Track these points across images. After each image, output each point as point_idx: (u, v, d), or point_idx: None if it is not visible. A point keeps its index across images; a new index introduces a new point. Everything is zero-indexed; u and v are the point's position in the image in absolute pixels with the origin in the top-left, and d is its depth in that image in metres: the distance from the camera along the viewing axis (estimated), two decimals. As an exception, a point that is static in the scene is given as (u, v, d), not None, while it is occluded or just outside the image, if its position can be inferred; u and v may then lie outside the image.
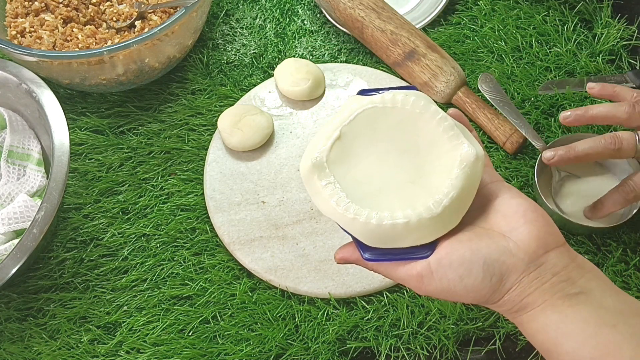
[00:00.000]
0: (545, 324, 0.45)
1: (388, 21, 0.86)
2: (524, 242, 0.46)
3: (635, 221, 0.73)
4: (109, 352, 0.71)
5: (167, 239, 0.77)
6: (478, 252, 0.46)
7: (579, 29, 0.87)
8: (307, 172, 0.51)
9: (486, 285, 0.46)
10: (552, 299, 0.45)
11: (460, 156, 0.49)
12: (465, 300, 0.48)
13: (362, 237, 0.49)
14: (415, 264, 0.48)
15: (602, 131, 0.79)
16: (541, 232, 0.47)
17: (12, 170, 0.79)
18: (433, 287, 0.47)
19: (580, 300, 0.45)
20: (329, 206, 0.50)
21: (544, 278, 0.46)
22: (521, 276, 0.46)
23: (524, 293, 0.46)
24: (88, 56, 0.76)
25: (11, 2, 0.88)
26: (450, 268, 0.46)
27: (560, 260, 0.46)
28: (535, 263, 0.46)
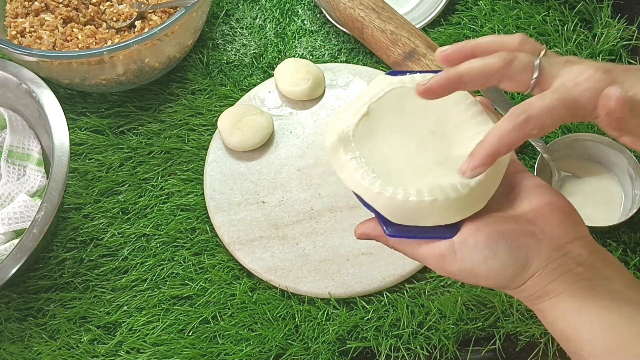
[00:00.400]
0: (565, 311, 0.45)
1: (388, 21, 0.86)
2: (550, 229, 0.46)
3: (636, 221, 0.73)
4: (109, 352, 0.71)
5: (167, 239, 0.77)
6: (505, 235, 0.45)
7: (579, 29, 0.87)
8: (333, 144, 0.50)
9: (509, 268, 0.46)
10: (573, 287, 0.45)
11: None
12: (486, 282, 0.47)
13: (385, 212, 0.48)
14: (438, 243, 0.47)
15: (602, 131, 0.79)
16: (568, 221, 0.47)
17: (12, 170, 0.79)
18: (455, 267, 0.47)
19: (601, 290, 0.45)
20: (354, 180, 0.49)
21: (567, 266, 0.45)
22: (545, 262, 0.45)
23: (547, 280, 0.46)
24: (88, 56, 0.76)
25: (11, 2, 0.88)
26: (475, 249, 0.46)
27: (585, 249, 0.46)
28: (560, 251, 0.46)
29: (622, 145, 0.73)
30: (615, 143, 0.74)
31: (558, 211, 0.47)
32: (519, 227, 0.46)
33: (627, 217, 0.70)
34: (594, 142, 0.75)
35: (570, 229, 0.46)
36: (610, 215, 0.73)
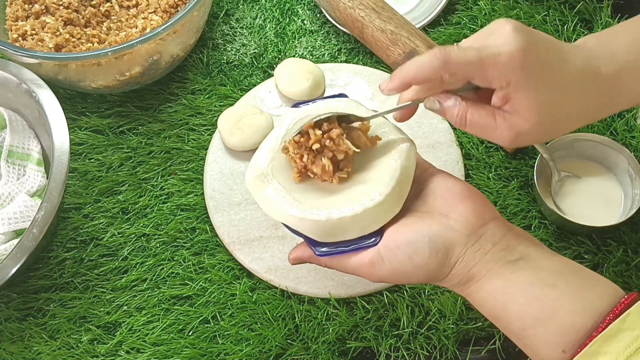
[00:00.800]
0: (491, 291, 0.49)
1: (388, 21, 0.86)
2: (463, 217, 0.50)
3: (636, 221, 0.73)
4: (109, 352, 0.71)
5: (167, 239, 0.77)
6: (422, 232, 0.49)
7: (579, 29, 0.87)
8: (252, 182, 0.54)
9: (433, 261, 0.49)
10: (495, 267, 0.48)
11: (394, 148, 0.53)
12: (416, 279, 0.51)
13: (312, 234, 0.52)
14: (365, 253, 0.51)
15: (603, 131, 0.79)
16: (477, 207, 0.50)
17: (12, 170, 0.79)
18: (385, 271, 0.50)
19: (520, 265, 0.48)
20: (277, 210, 0.52)
21: (485, 248, 0.49)
22: (464, 248, 0.49)
23: (469, 265, 0.49)
24: (91, 57, 0.76)
25: (11, 5, 0.88)
26: (398, 250, 0.49)
27: (498, 230, 0.50)
28: (476, 234, 0.49)
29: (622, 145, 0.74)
30: (616, 143, 0.74)
31: (467, 199, 0.50)
32: (435, 221, 0.50)
33: (627, 217, 0.70)
34: (594, 142, 0.75)
35: (481, 213, 0.50)
36: (610, 215, 0.73)
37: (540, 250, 0.50)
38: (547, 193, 0.75)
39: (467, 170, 0.79)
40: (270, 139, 0.56)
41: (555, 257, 0.50)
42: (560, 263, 0.49)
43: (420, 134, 0.81)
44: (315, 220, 0.50)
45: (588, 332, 0.45)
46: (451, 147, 0.80)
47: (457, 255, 0.49)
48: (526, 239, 0.50)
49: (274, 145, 0.55)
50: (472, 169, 0.79)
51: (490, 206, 0.52)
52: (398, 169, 0.52)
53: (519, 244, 0.49)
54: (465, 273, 0.49)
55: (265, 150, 0.55)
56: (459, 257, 0.49)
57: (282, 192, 0.53)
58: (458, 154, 0.79)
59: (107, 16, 0.89)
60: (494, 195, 0.77)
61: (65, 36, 0.83)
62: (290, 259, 0.56)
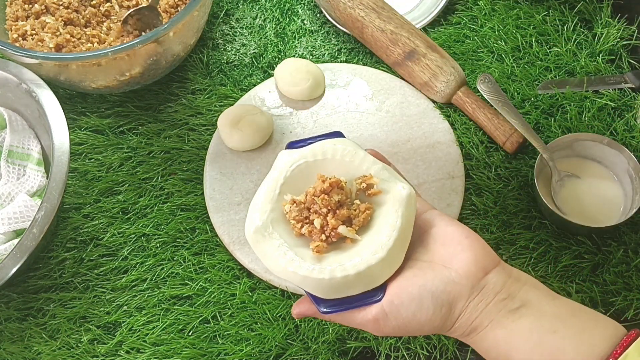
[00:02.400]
0: (495, 341, 0.49)
1: (388, 21, 0.86)
2: (464, 269, 0.49)
3: (636, 221, 0.73)
4: (109, 352, 0.71)
5: (167, 238, 0.77)
6: (425, 287, 0.49)
7: (578, 28, 0.87)
8: (252, 236, 0.52)
9: (437, 316, 0.49)
10: (497, 317, 0.49)
11: (394, 198, 0.52)
12: (421, 332, 0.51)
13: (316, 291, 0.51)
14: (369, 309, 0.51)
15: (603, 131, 0.79)
16: (478, 256, 0.50)
17: (12, 170, 0.79)
18: (390, 327, 0.50)
19: (522, 313, 0.49)
20: (280, 267, 0.51)
21: (488, 299, 0.49)
22: (467, 301, 0.49)
23: (472, 317, 0.49)
24: (91, 57, 0.76)
25: (11, 5, 0.88)
26: (402, 306, 0.49)
27: (499, 278, 0.50)
28: (478, 287, 0.49)
29: (622, 145, 0.74)
30: (616, 143, 0.74)
31: (469, 249, 0.50)
32: (437, 275, 0.49)
33: (627, 217, 0.70)
34: (594, 142, 0.75)
35: (482, 263, 0.50)
36: (610, 215, 0.73)
37: (540, 293, 0.50)
38: (547, 193, 0.74)
39: (467, 170, 0.79)
40: (267, 187, 0.54)
41: (555, 299, 0.50)
42: (560, 306, 0.49)
43: (420, 134, 0.81)
44: (318, 279, 0.50)
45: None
46: (451, 147, 0.80)
47: (460, 309, 0.49)
48: (526, 282, 0.50)
49: (271, 195, 0.53)
50: (472, 169, 0.79)
51: (491, 253, 0.51)
52: (399, 219, 0.51)
53: (519, 290, 0.49)
54: (468, 325, 0.49)
55: (262, 201, 0.53)
56: (462, 310, 0.49)
57: (284, 248, 0.51)
58: (458, 154, 0.79)
59: (107, 16, 0.89)
60: (494, 195, 0.77)
61: (65, 36, 0.83)
62: (294, 314, 0.55)
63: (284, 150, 0.56)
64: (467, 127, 0.82)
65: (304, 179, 0.54)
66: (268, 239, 0.52)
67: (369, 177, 0.53)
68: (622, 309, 0.69)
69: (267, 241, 0.52)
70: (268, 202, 0.53)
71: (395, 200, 0.52)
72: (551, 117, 0.81)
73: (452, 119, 0.83)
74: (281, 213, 0.53)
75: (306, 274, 0.50)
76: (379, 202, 0.53)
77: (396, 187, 0.52)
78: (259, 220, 0.52)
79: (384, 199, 0.53)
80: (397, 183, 0.53)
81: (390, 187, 0.53)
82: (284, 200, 0.53)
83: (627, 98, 0.81)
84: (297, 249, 0.52)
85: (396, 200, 0.52)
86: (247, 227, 0.53)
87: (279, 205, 0.53)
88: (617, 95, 0.81)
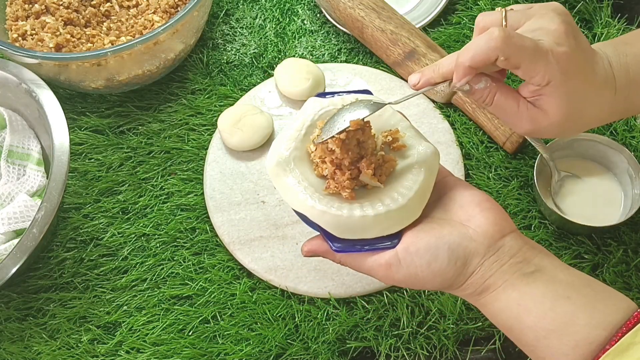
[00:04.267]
0: (506, 302, 0.49)
1: (388, 21, 0.86)
2: (482, 228, 0.50)
3: (636, 221, 0.73)
4: (109, 352, 0.71)
5: (167, 238, 0.77)
6: (442, 239, 0.49)
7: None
8: (273, 168, 0.52)
9: (451, 269, 0.49)
10: (511, 278, 0.49)
11: (418, 154, 0.53)
12: (432, 285, 0.50)
13: (330, 228, 0.51)
14: (383, 254, 0.50)
15: (603, 131, 0.79)
16: (497, 219, 0.50)
17: (12, 170, 0.79)
18: (401, 274, 0.50)
19: (536, 277, 0.49)
20: (298, 200, 0.51)
21: (503, 260, 0.49)
22: (482, 259, 0.49)
23: (486, 275, 0.49)
24: (91, 57, 0.76)
25: (11, 5, 0.88)
26: (417, 255, 0.49)
27: (516, 242, 0.50)
28: (494, 247, 0.49)
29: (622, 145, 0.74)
30: (616, 143, 0.74)
31: (487, 211, 0.51)
32: (455, 230, 0.50)
33: (627, 217, 0.70)
34: (594, 142, 0.75)
35: (500, 225, 0.50)
36: (610, 215, 0.73)
37: (556, 262, 0.50)
38: (547, 193, 0.75)
39: (467, 170, 0.79)
40: (294, 127, 0.54)
41: (569, 269, 0.50)
42: (574, 276, 0.49)
43: (420, 134, 0.81)
44: (336, 215, 0.49)
45: (601, 345, 0.45)
46: (451, 147, 0.80)
47: (474, 266, 0.49)
48: (541, 251, 0.51)
49: (296, 134, 0.53)
50: (472, 169, 0.79)
51: (509, 219, 0.52)
52: (422, 174, 0.52)
53: (534, 257, 0.50)
54: (481, 283, 0.49)
55: (288, 138, 0.53)
56: (476, 268, 0.49)
57: (304, 183, 0.51)
58: (458, 154, 0.79)
59: (107, 16, 0.89)
60: (494, 195, 0.77)
61: (65, 36, 0.83)
62: (303, 251, 0.55)
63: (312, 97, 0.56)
64: (467, 127, 0.82)
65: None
66: (289, 173, 0.52)
67: (395, 131, 0.54)
68: (622, 309, 0.69)
69: (288, 175, 0.52)
70: (292, 140, 0.53)
71: (419, 156, 0.53)
72: (551, 117, 0.81)
73: (452, 119, 0.83)
74: (305, 153, 0.53)
75: (324, 208, 0.50)
76: (403, 157, 0.54)
77: (421, 145, 0.53)
78: (282, 155, 0.52)
79: (408, 154, 0.53)
80: (422, 141, 0.54)
81: (415, 144, 0.53)
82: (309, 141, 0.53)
83: (627, 98, 0.81)
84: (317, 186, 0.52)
85: (420, 156, 0.52)
86: (269, 159, 0.53)
87: (303, 145, 0.53)
88: (617, 95, 0.81)
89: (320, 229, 0.52)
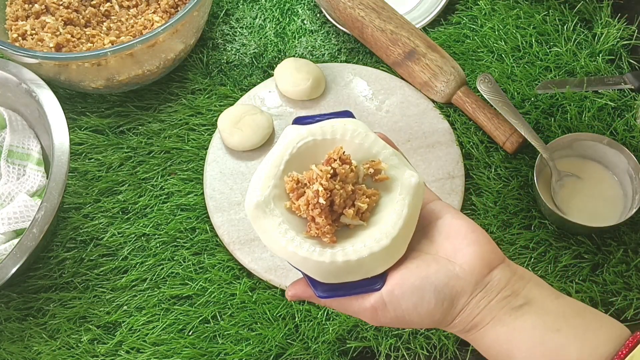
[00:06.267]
0: (496, 338, 0.48)
1: (388, 21, 0.86)
2: (469, 265, 0.48)
3: (636, 221, 0.73)
4: (108, 352, 0.71)
5: (167, 238, 0.77)
6: (428, 279, 0.48)
7: (578, 28, 0.87)
8: (252, 211, 0.50)
9: (438, 310, 0.48)
10: (499, 314, 0.48)
11: (402, 185, 0.50)
12: (420, 326, 0.50)
13: (314, 274, 0.49)
14: (368, 298, 0.49)
15: (603, 131, 0.79)
16: (484, 252, 0.49)
17: (12, 170, 0.79)
18: (388, 318, 0.49)
19: (525, 310, 0.47)
20: (280, 246, 0.49)
21: (490, 296, 0.48)
22: (470, 298, 0.48)
23: (474, 313, 0.48)
24: (91, 57, 0.76)
25: (11, 5, 0.88)
26: (403, 298, 0.48)
27: (504, 275, 0.48)
28: (482, 283, 0.48)
29: (622, 145, 0.74)
30: (616, 143, 0.74)
31: (474, 244, 0.49)
32: (441, 268, 0.48)
33: (627, 217, 0.70)
34: (594, 142, 0.75)
35: (487, 259, 0.49)
36: (610, 215, 0.73)
37: (545, 292, 0.49)
38: (547, 193, 0.74)
39: (467, 170, 0.79)
40: (271, 162, 0.51)
41: (560, 298, 0.49)
42: (564, 305, 0.48)
43: (420, 134, 0.81)
44: (318, 261, 0.48)
45: None
46: (451, 147, 0.80)
47: (462, 304, 0.48)
48: (530, 280, 0.49)
49: (275, 171, 0.51)
50: (472, 169, 0.79)
51: (497, 250, 0.50)
52: (405, 208, 0.49)
53: (523, 288, 0.48)
54: (469, 321, 0.48)
55: (266, 176, 0.51)
56: (464, 306, 0.48)
57: (284, 226, 0.49)
58: (458, 154, 0.79)
59: (107, 16, 0.89)
60: (494, 195, 0.77)
61: (65, 36, 0.83)
62: (288, 295, 0.54)
63: (291, 125, 0.53)
64: (467, 127, 0.82)
65: (309, 158, 0.51)
66: (269, 216, 0.49)
67: (377, 162, 0.51)
68: (622, 309, 0.69)
69: (267, 218, 0.50)
70: (271, 178, 0.50)
71: (403, 188, 0.50)
72: (551, 117, 0.81)
73: (452, 118, 0.83)
74: (283, 190, 0.51)
75: (306, 255, 0.48)
76: (386, 188, 0.51)
77: (404, 175, 0.51)
78: (261, 196, 0.50)
79: (391, 186, 0.51)
80: (406, 170, 0.51)
81: (399, 174, 0.51)
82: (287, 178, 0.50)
83: (627, 98, 0.81)
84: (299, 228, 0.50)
85: (404, 188, 0.50)
86: (248, 201, 0.51)
87: (281, 182, 0.51)
88: (617, 95, 0.81)
89: (303, 274, 0.50)
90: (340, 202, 0.49)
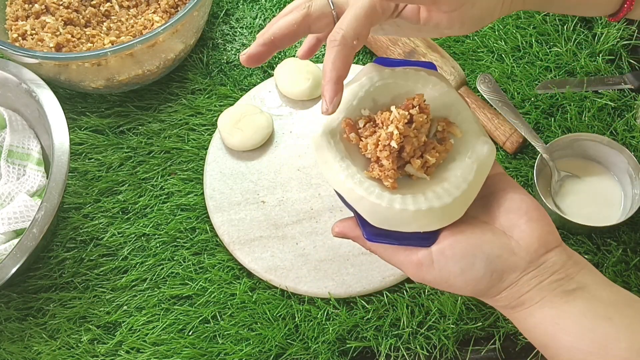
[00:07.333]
0: (542, 319, 0.46)
1: (388, 21, 0.86)
2: (526, 242, 0.47)
3: (636, 221, 0.73)
4: (108, 352, 0.71)
5: (167, 238, 0.77)
6: (481, 247, 0.46)
7: (578, 28, 0.87)
8: (318, 139, 0.49)
9: (486, 280, 0.46)
10: (550, 295, 0.46)
11: (473, 150, 0.49)
12: (462, 292, 0.48)
13: (366, 215, 0.47)
14: (416, 251, 0.48)
15: (603, 131, 0.79)
16: (543, 232, 0.47)
17: (12, 170, 0.79)
18: (432, 276, 0.48)
19: (576, 295, 0.46)
20: (338, 180, 0.48)
21: (543, 277, 0.46)
22: (520, 274, 0.46)
23: (522, 290, 0.46)
24: (91, 57, 0.76)
25: (11, 5, 0.88)
26: (452, 259, 0.47)
27: (560, 258, 0.47)
28: (536, 262, 0.46)
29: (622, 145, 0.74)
30: (615, 143, 0.74)
31: (534, 222, 0.47)
32: (496, 239, 0.47)
33: (627, 217, 0.70)
34: (594, 142, 0.75)
35: (545, 240, 0.47)
36: (610, 215, 0.73)
37: (598, 279, 0.47)
38: (547, 193, 0.75)
39: (467, 170, 0.79)
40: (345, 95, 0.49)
41: (613, 287, 0.47)
42: (617, 294, 0.47)
43: (420, 133, 0.81)
44: (375, 203, 0.46)
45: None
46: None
47: (511, 280, 0.47)
48: (584, 267, 0.48)
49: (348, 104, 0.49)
50: (472, 169, 0.79)
51: (555, 232, 0.48)
52: (472, 173, 0.48)
53: (577, 273, 0.47)
54: (516, 297, 0.47)
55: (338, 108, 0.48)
56: (513, 282, 0.47)
57: (347, 161, 0.48)
58: (458, 154, 0.79)
59: (107, 16, 0.89)
60: (494, 195, 0.77)
61: (65, 36, 0.83)
62: (334, 231, 0.52)
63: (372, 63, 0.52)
64: (467, 127, 0.82)
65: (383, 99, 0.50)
66: (333, 148, 0.48)
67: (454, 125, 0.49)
68: (622, 309, 0.69)
69: (332, 149, 0.48)
70: (342, 111, 0.49)
71: (473, 153, 0.49)
72: (551, 117, 0.81)
73: (452, 119, 0.83)
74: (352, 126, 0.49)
75: (364, 194, 0.46)
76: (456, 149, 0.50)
77: (478, 140, 0.49)
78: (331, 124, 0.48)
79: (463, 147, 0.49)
80: (480, 136, 0.50)
81: (472, 139, 0.49)
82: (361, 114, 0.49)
83: (627, 98, 0.81)
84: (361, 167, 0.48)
85: (475, 153, 0.49)
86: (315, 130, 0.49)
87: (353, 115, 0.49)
88: (617, 95, 0.81)
89: (355, 213, 0.48)
90: (410, 150, 0.48)
